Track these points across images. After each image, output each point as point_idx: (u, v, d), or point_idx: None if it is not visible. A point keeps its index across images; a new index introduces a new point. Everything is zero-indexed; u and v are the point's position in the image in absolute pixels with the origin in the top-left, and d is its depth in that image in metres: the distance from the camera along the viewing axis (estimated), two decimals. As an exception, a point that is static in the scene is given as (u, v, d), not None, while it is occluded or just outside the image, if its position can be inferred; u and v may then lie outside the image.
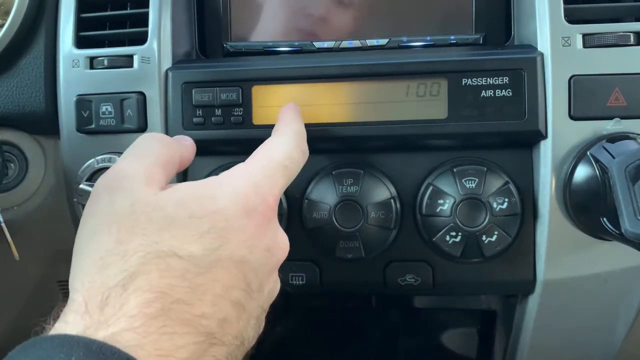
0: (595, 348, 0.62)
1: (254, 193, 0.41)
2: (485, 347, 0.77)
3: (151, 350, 0.33)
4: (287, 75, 0.55)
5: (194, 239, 0.37)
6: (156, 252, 0.36)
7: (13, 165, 0.64)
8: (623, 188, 0.43)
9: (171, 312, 0.35)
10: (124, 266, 0.36)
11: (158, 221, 0.37)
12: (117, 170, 0.41)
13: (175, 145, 0.46)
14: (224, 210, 0.39)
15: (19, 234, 0.64)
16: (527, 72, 0.52)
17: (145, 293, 0.35)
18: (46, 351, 0.31)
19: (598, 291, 0.57)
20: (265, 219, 0.41)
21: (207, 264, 0.37)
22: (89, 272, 0.37)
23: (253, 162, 0.44)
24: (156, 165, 0.42)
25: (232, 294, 0.38)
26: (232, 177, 0.42)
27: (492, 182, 0.54)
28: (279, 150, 0.45)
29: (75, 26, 0.60)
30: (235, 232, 0.39)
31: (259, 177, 0.42)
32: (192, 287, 0.36)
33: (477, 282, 0.57)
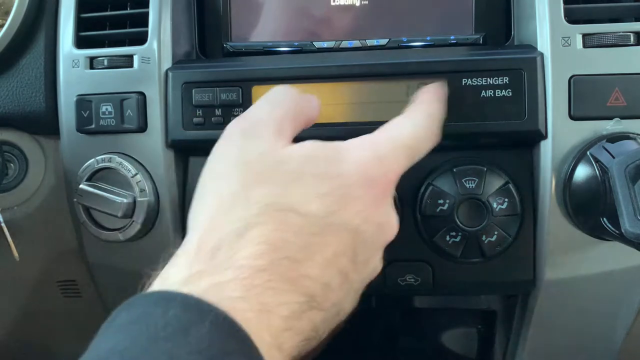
0: (596, 348, 0.62)
1: (377, 164, 0.40)
2: (485, 347, 0.77)
3: (253, 303, 0.33)
4: (287, 75, 0.55)
5: (314, 198, 0.37)
6: (277, 205, 0.37)
7: (13, 165, 0.64)
8: (623, 188, 0.43)
9: (279, 268, 0.35)
10: (243, 213, 0.36)
11: (283, 174, 0.38)
12: (251, 115, 0.43)
13: (305, 102, 0.46)
14: (347, 175, 0.39)
15: (19, 234, 0.64)
16: (527, 72, 0.52)
17: (258, 245, 0.35)
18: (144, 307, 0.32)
19: (598, 291, 0.57)
20: (383, 193, 0.41)
21: (322, 225, 0.37)
22: (210, 211, 0.37)
23: (379, 135, 0.43)
24: (287, 118, 0.42)
25: (339, 260, 0.38)
26: (359, 145, 0.41)
27: (492, 182, 0.54)
28: (408, 128, 0.44)
29: (75, 26, 0.60)
30: (353, 200, 0.39)
31: (384, 150, 0.41)
32: (304, 245, 0.36)
33: (477, 282, 0.57)
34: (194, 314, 0.31)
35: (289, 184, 0.38)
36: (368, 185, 0.39)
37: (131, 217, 0.56)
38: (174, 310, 0.31)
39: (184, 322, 0.30)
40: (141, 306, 0.32)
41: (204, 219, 0.37)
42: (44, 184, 0.65)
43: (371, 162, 0.40)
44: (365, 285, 0.43)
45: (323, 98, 0.54)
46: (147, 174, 0.57)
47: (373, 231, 0.40)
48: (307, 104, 0.46)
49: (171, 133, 0.57)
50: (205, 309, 0.31)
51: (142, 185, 0.56)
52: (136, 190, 0.56)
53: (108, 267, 0.63)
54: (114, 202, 0.55)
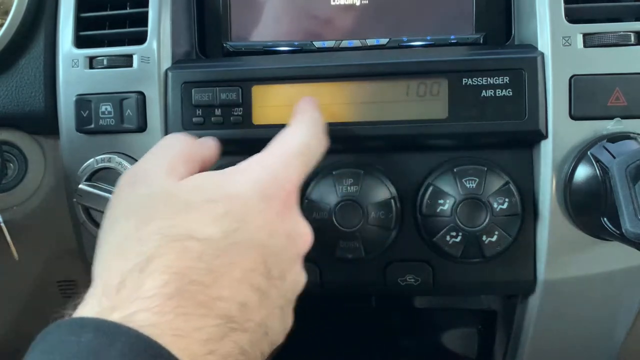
0: (596, 348, 0.62)
1: (272, 180, 0.41)
2: (485, 347, 0.77)
3: (166, 329, 0.33)
4: (287, 75, 0.55)
5: (211, 222, 0.37)
6: (173, 236, 0.36)
7: (12, 165, 0.64)
8: (624, 188, 0.43)
9: (187, 293, 0.34)
10: (141, 249, 0.36)
11: (174, 205, 0.38)
12: (139, 165, 0.44)
13: (198, 145, 0.47)
14: (242, 194, 0.39)
15: (19, 234, 0.64)
16: (527, 71, 0.52)
17: (161, 275, 0.35)
18: (59, 335, 0.32)
19: (598, 291, 0.57)
20: (284, 206, 0.41)
21: (224, 247, 0.37)
22: (108, 257, 0.38)
23: (269, 151, 0.44)
24: (178, 161, 0.43)
25: (251, 278, 0.38)
26: (249, 165, 0.42)
27: (492, 182, 0.54)
28: (295, 139, 0.45)
29: (74, 26, 0.60)
30: (253, 216, 0.39)
31: (276, 165, 0.42)
32: (209, 269, 0.36)
33: (478, 282, 0.57)
34: (105, 337, 0.31)
35: (181, 214, 0.38)
36: (266, 202, 0.40)
37: (131, 217, 0.56)
38: (87, 336, 0.31)
39: (95, 346, 0.30)
40: (56, 334, 0.32)
41: (104, 265, 0.38)
42: (43, 184, 0.65)
43: (266, 178, 0.41)
44: (291, 302, 0.42)
45: (323, 98, 0.54)
46: (146, 174, 0.57)
47: (281, 243, 0.40)
48: (201, 147, 0.47)
49: (171, 133, 0.56)
50: (116, 332, 0.31)
51: (141, 185, 0.56)
52: (136, 190, 0.56)
53: (108, 267, 0.63)
54: (113, 202, 0.55)
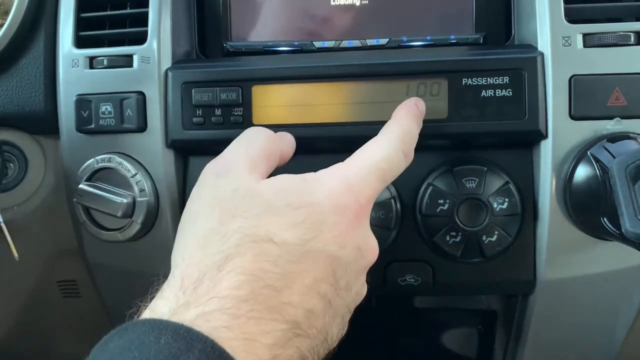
0: (596, 348, 0.62)
1: (347, 192, 0.41)
2: (485, 347, 0.77)
3: (238, 332, 0.34)
4: (287, 75, 0.55)
5: (289, 227, 0.39)
6: (253, 236, 0.38)
7: (13, 165, 0.64)
8: (623, 188, 0.43)
9: (260, 297, 0.36)
10: (221, 247, 0.38)
11: (258, 206, 0.40)
12: (225, 157, 0.45)
13: (278, 140, 0.48)
14: (319, 204, 0.40)
15: (19, 234, 0.64)
16: (527, 71, 0.52)
17: (237, 275, 0.36)
18: (137, 334, 0.33)
19: (598, 291, 0.57)
20: (356, 218, 0.41)
21: (299, 253, 0.38)
22: (190, 248, 0.39)
23: (350, 162, 0.44)
24: (260, 156, 0.44)
25: (320, 286, 0.39)
26: (328, 175, 0.43)
27: (492, 182, 0.54)
28: (377, 152, 0.45)
29: (74, 26, 0.60)
30: (327, 226, 0.40)
31: (353, 177, 0.42)
32: (283, 274, 0.37)
33: (478, 282, 0.57)
34: (183, 342, 0.32)
35: (262, 216, 0.39)
36: (340, 212, 0.41)
37: (131, 217, 0.56)
38: (166, 339, 0.32)
39: (175, 350, 0.31)
40: (134, 333, 0.33)
41: (185, 256, 0.39)
42: (43, 183, 0.65)
43: (341, 190, 0.41)
44: (351, 311, 0.44)
45: (323, 98, 0.54)
46: (146, 174, 0.57)
47: (351, 255, 0.41)
48: (281, 142, 0.48)
49: (171, 133, 0.57)
50: (194, 338, 0.32)
51: (141, 185, 0.56)
52: (136, 190, 0.56)
53: (108, 267, 0.63)
54: (113, 202, 0.55)
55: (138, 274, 0.46)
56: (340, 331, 0.42)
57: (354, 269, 0.41)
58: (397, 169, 0.46)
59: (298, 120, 0.54)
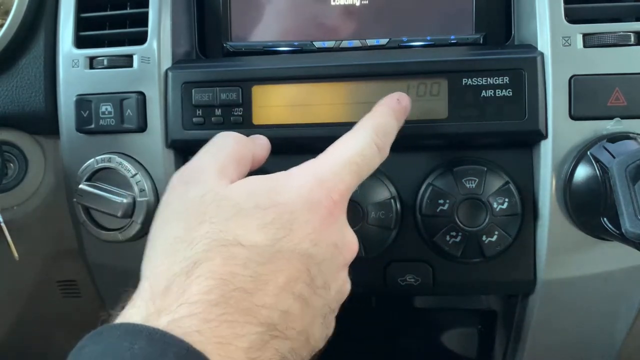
0: (596, 348, 0.62)
1: (318, 188, 0.41)
2: (485, 347, 0.77)
3: (210, 336, 0.33)
4: (287, 75, 0.55)
5: (258, 229, 0.38)
6: (221, 240, 0.37)
7: (13, 165, 0.64)
8: (623, 188, 0.43)
9: (231, 300, 0.35)
10: (189, 253, 0.37)
11: (226, 210, 0.39)
12: (192, 164, 0.44)
13: (250, 143, 0.47)
14: (289, 202, 0.39)
15: (19, 234, 0.64)
16: (527, 72, 0.52)
17: (207, 280, 0.35)
18: (112, 339, 0.33)
19: (598, 291, 0.57)
20: (330, 214, 0.41)
21: (269, 254, 0.37)
22: (157, 258, 0.39)
23: (322, 157, 0.44)
24: (230, 161, 0.43)
25: (294, 286, 0.38)
26: (299, 171, 0.42)
27: (492, 182, 0.54)
28: (350, 147, 0.44)
29: (75, 26, 0.60)
30: (299, 224, 0.39)
31: (325, 173, 0.42)
32: (254, 276, 0.36)
33: (478, 282, 0.57)
34: (158, 346, 0.32)
35: (231, 219, 0.38)
36: (312, 209, 0.40)
37: (131, 217, 0.56)
38: (140, 344, 0.32)
39: (149, 355, 0.31)
40: (109, 338, 0.33)
41: (153, 266, 0.39)
42: (43, 183, 0.65)
43: (313, 186, 0.41)
44: (334, 310, 0.43)
45: (323, 98, 0.54)
46: (146, 174, 0.57)
47: (326, 252, 0.40)
48: (253, 145, 0.47)
49: (171, 133, 0.57)
50: (169, 342, 0.32)
51: (141, 185, 0.56)
52: (136, 190, 0.56)
53: (108, 267, 0.63)
54: (113, 202, 0.55)
55: (138, 274, 0.46)
56: (324, 331, 0.42)
57: (330, 266, 0.41)
58: (371, 164, 0.45)
59: (298, 120, 0.54)
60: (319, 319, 0.40)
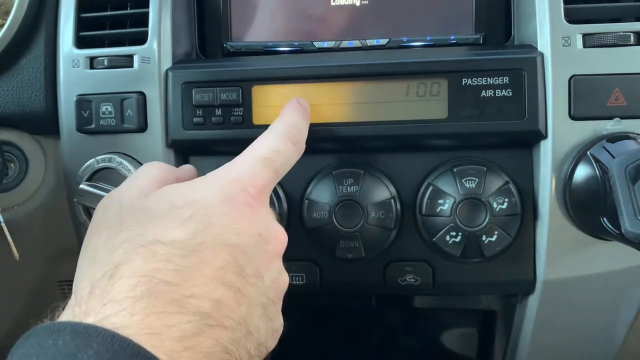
0: (596, 348, 0.62)
1: (233, 183, 0.42)
2: (485, 347, 0.77)
3: (138, 329, 0.33)
4: (287, 75, 0.55)
5: (177, 226, 0.39)
6: (140, 242, 0.38)
7: (13, 165, 0.64)
8: (623, 188, 0.43)
9: (156, 293, 0.35)
10: (110, 259, 0.38)
11: (142, 216, 0.40)
12: (114, 191, 0.46)
13: (173, 169, 0.49)
14: (205, 199, 0.41)
15: (19, 234, 0.64)
16: (527, 72, 0.52)
17: (129, 279, 0.36)
18: (37, 340, 0.33)
19: (598, 291, 0.57)
20: (248, 207, 0.42)
21: (191, 247, 0.38)
22: (81, 270, 0.40)
23: (237, 158, 0.45)
24: (150, 184, 0.44)
25: (223, 275, 0.38)
26: (214, 173, 0.44)
27: (492, 182, 0.54)
28: (263, 144, 0.46)
29: (75, 26, 0.60)
30: (217, 217, 0.40)
31: (238, 169, 0.44)
32: (178, 269, 0.37)
33: (477, 282, 0.57)
34: (82, 339, 0.32)
35: (148, 223, 0.39)
36: (230, 203, 0.41)
37: (131, 217, 0.56)
38: (64, 339, 0.32)
39: (72, 348, 0.31)
40: (34, 339, 0.33)
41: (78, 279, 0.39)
42: (44, 184, 0.65)
43: (228, 182, 0.42)
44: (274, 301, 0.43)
45: (323, 98, 0.54)
46: (147, 174, 0.57)
47: (251, 242, 0.41)
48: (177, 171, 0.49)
49: (171, 133, 0.57)
50: (92, 333, 0.32)
51: (142, 185, 0.56)
52: (136, 190, 0.56)
53: (108, 267, 0.63)
54: (114, 202, 0.55)
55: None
56: (268, 324, 0.42)
57: (258, 255, 0.41)
58: (287, 158, 0.46)
59: (298, 120, 0.54)
60: (257, 308, 0.40)
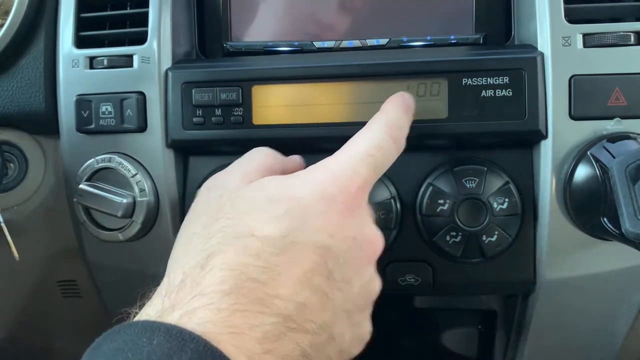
0: (596, 348, 0.62)
1: (331, 182, 0.41)
2: (485, 347, 0.77)
3: (223, 326, 0.33)
4: (287, 75, 0.55)
5: (270, 220, 0.38)
6: (235, 233, 0.38)
7: (13, 165, 0.64)
8: (623, 188, 0.43)
9: (244, 290, 0.35)
10: (204, 247, 0.38)
11: (239, 205, 0.40)
12: (219, 174, 0.46)
13: (281, 157, 0.48)
14: (301, 196, 0.40)
15: (19, 234, 0.64)
16: (527, 72, 0.52)
17: (220, 271, 0.36)
18: (130, 336, 0.33)
19: (598, 291, 0.57)
20: (347, 208, 0.40)
21: (282, 245, 0.37)
22: (177, 255, 0.40)
23: (338, 153, 0.44)
24: (255, 170, 0.44)
25: (311, 279, 0.37)
26: (314, 168, 0.43)
27: (492, 182, 0.54)
28: (364, 140, 0.44)
29: (75, 26, 0.60)
30: (312, 217, 0.39)
31: (339, 167, 0.42)
32: (267, 266, 0.36)
33: (478, 282, 0.57)
34: (176, 342, 0.32)
35: (244, 213, 0.39)
36: (327, 202, 0.40)
37: (131, 217, 0.56)
38: (158, 339, 0.32)
39: (167, 350, 0.31)
40: (127, 335, 0.33)
41: (173, 262, 0.40)
42: (43, 183, 0.65)
43: (327, 180, 0.41)
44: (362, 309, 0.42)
45: (323, 98, 0.54)
46: (146, 174, 0.57)
47: (344, 245, 0.40)
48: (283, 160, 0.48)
49: (171, 133, 0.57)
50: (187, 338, 0.32)
51: (141, 185, 0.56)
52: (136, 190, 0.56)
53: (108, 267, 0.63)
54: (113, 202, 0.55)
55: (138, 274, 0.46)
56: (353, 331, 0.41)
57: (349, 260, 0.40)
58: (388, 156, 0.45)
59: (298, 120, 0.54)
60: (342, 315, 0.40)
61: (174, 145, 0.57)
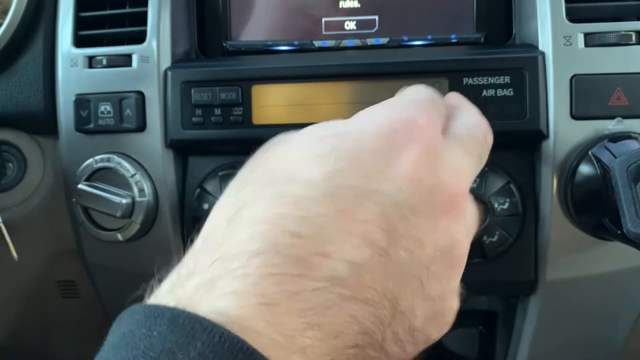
0: (598, 348, 0.62)
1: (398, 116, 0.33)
2: (486, 348, 0.77)
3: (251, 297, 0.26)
4: (287, 74, 0.55)
5: (314, 159, 0.30)
6: (271, 180, 0.30)
7: (12, 165, 0.64)
8: (625, 188, 0.43)
9: (279, 246, 0.27)
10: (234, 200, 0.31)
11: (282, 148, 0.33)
12: None
13: None
14: (355, 130, 0.32)
15: (18, 234, 0.64)
16: (528, 71, 0.52)
17: (249, 226, 0.28)
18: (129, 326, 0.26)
19: (600, 291, 0.57)
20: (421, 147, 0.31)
21: (327, 189, 0.29)
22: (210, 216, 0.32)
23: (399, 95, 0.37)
24: None
25: (366, 231, 0.29)
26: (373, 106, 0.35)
27: (493, 182, 0.53)
28: None
29: (73, 25, 0.60)
30: (367, 154, 0.30)
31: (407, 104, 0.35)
32: (307, 217, 0.28)
33: (478, 282, 0.57)
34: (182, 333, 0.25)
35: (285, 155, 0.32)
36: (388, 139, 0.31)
37: (130, 217, 0.56)
38: (160, 329, 0.25)
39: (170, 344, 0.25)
40: (127, 325, 0.27)
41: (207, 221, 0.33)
42: (42, 183, 0.64)
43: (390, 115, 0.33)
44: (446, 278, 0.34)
45: (323, 98, 0.54)
46: (146, 174, 0.57)
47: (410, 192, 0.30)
48: None
49: (170, 132, 0.56)
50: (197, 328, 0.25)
51: (141, 185, 0.56)
52: (135, 190, 0.56)
53: (107, 267, 0.63)
54: (112, 202, 0.55)
55: (137, 275, 0.46)
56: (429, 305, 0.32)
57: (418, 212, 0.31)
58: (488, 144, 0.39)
59: (298, 120, 0.54)
60: (412, 281, 0.30)
61: (173, 145, 0.57)
